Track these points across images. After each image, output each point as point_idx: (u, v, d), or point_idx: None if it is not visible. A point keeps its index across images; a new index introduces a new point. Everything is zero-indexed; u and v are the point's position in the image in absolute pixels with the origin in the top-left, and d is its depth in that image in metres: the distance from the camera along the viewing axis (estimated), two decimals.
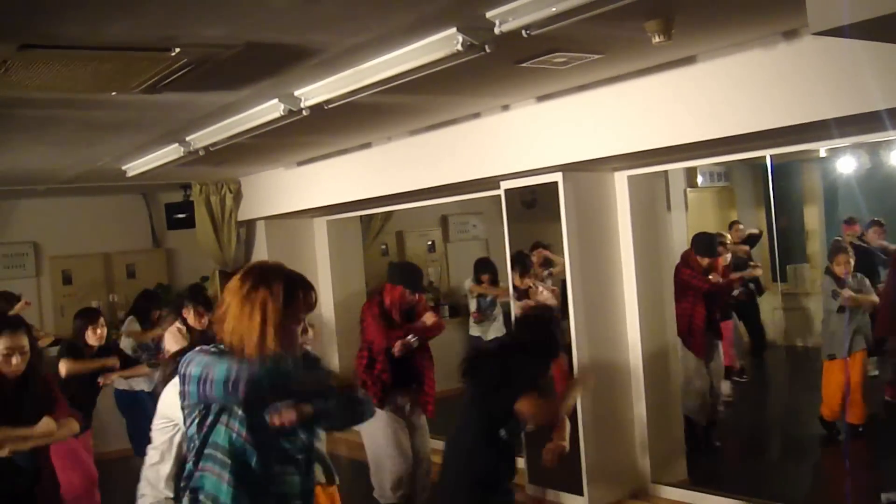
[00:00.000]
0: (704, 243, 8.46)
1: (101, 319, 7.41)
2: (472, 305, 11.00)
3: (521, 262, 7.81)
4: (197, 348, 3.27)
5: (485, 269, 10.79)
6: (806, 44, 4.98)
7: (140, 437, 6.52)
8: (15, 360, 4.83)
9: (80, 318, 7.43)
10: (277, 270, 3.28)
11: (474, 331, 10.91)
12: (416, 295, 6.85)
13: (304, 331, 3.34)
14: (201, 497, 3.21)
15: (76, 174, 8.92)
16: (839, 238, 10.05)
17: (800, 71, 5.05)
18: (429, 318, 6.92)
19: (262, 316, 3.13)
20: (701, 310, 8.16)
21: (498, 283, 10.48)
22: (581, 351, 7.02)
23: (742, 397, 10.40)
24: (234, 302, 3.19)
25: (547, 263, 7.91)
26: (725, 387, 9.98)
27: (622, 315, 7.29)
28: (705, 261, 8.29)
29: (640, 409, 7.26)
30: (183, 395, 3.22)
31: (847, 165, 11.69)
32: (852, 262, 8.21)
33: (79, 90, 5.09)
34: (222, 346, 3.20)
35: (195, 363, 3.15)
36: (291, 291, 3.23)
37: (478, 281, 10.84)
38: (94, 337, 7.27)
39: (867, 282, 8.36)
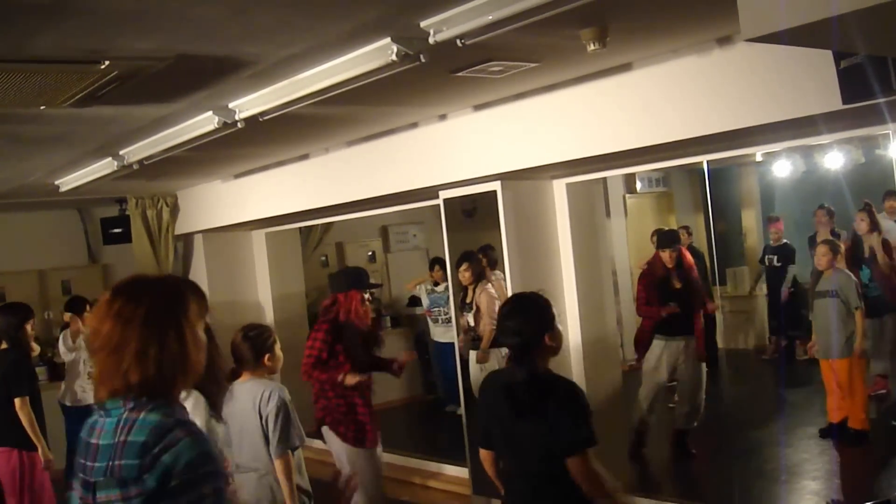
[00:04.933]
0: (667, 236, 8.48)
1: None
2: (425, 303, 10.96)
3: (471, 259, 7.79)
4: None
5: (437, 261, 10.79)
6: (739, 50, 5.02)
7: None
8: None
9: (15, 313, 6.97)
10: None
11: (440, 335, 10.71)
12: (370, 295, 6.59)
13: None
14: None
15: (8, 189, 8.75)
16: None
17: (734, 77, 5.09)
18: (350, 380, 6.32)
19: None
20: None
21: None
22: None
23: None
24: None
25: (493, 265, 7.90)
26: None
27: (563, 322, 7.28)
28: (666, 254, 8.24)
29: None
30: None
31: (783, 169, 11.83)
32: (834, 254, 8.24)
33: (6, 104, 4.98)
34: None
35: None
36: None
37: (433, 281, 10.88)
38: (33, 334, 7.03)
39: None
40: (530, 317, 4.07)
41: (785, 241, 11.13)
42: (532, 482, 4.03)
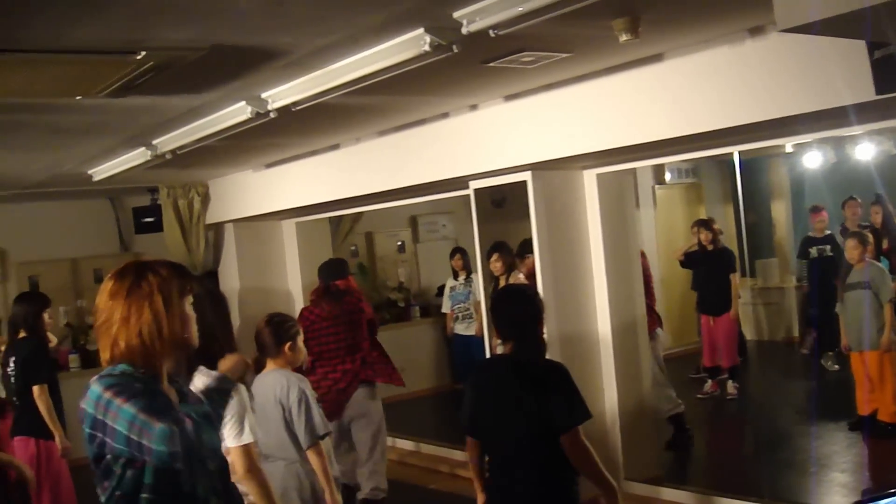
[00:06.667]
0: None
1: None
2: (447, 305, 10.98)
3: (502, 249, 7.83)
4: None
5: (458, 251, 10.85)
6: (772, 40, 5.01)
7: None
8: None
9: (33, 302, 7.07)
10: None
11: (460, 329, 10.76)
12: None
13: None
14: None
15: (42, 179, 8.84)
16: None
17: (766, 67, 5.08)
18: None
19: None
20: None
21: (470, 269, 10.50)
22: (551, 347, 7.01)
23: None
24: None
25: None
26: (729, 386, 10.07)
27: (592, 312, 7.30)
28: None
29: (611, 404, 7.28)
30: None
31: (813, 160, 11.77)
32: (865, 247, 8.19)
33: (43, 95, 5.04)
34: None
35: None
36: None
37: (452, 270, 10.88)
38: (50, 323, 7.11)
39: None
40: (526, 305, 4.42)
41: (828, 231, 11.00)
42: (521, 466, 4.27)
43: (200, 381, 4.07)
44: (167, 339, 2.86)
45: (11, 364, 6.69)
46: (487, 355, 7.80)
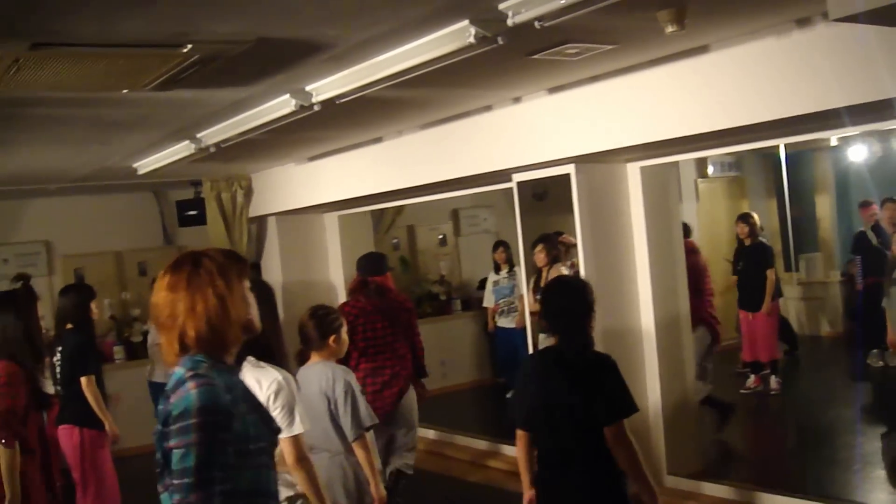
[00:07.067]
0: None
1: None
2: (490, 299, 10.97)
3: (546, 241, 7.83)
4: None
5: (500, 244, 10.83)
6: (819, 32, 4.95)
7: None
8: None
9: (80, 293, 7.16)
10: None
11: (504, 322, 10.68)
12: None
13: None
14: None
15: (87, 173, 8.93)
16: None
17: (813, 59, 5.02)
18: None
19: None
20: None
21: (512, 262, 10.47)
22: (595, 341, 6.99)
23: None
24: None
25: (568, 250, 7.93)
26: (772, 381, 10.00)
27: (636, 307, 7.27)
28: None
29: (654, 398, 7.24)
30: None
31: (858, 153, 11.65)
32: None
33: (90, 88, 5.08)
34: None
35: None
36: None
37: (494, 263, 10.87)
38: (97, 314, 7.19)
39: None
40: (576, 297, 4.41)
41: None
42: (568, 459, 4.28)
43: (249, 372, 4.11)
44: (235, 322, 2.83)
45: (58, 355, 6.77)
46: (531, 348, 7.82)
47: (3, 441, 4.96)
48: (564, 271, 7.51)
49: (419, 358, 7.33)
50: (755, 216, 10.64)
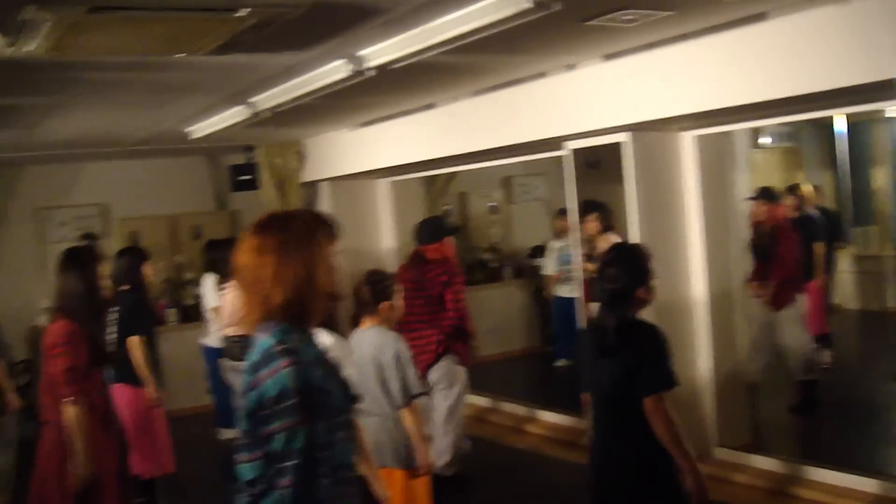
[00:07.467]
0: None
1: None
2: (551, 266, 10.92)
3: (600, 209, 7.76)
4: None
5: (562, 212, 10.71)
6: (878, 0, 4.86)
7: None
8: None
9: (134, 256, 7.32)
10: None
11: (563, 291, 10.63)
12: None
13: None
14: None
15: (142, 137, 9.00)
16: None
17: (871, 28, 4.92)
18: None
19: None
20: None
21: None
22: (646, 313, 6.95)
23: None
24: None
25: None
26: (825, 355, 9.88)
27: (689, 277, 7.21)
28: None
29: (705, 370, 7.20)
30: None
31: None
32: None
33: (147, 52, 5.10)
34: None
35: None
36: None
37: (555, 230, 10.84)
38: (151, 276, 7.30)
39: None
40: (631, 267, 4.31)
41: None
42: (611, 425, 4.27)
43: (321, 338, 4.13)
44: (321, 291, 2.75)
45: (114, 315, 6.87)
46: (582, 318, 7.80)
47: (72, 398, 5.03)
48: (616, 240, 7.46)
49: (447, 336, 7.25)
50: (805, 187, 10.47)
